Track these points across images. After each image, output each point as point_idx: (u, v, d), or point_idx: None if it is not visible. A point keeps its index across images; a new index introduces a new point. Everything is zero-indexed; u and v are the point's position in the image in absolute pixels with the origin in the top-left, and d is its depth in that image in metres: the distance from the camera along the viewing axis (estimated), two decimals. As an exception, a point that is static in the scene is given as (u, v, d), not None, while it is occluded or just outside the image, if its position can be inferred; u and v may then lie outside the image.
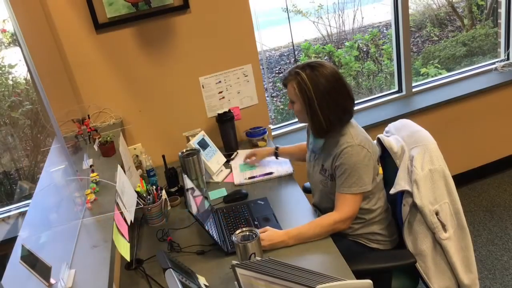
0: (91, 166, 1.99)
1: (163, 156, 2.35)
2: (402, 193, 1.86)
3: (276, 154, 2.40)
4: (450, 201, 1.85)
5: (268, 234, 1.77)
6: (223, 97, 2.71)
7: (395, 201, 1.94)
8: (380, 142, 2.05)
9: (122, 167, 2.01)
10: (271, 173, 2.30)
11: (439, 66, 4.19)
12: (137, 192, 2.03)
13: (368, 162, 1.83)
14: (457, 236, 1.89)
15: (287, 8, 3.95)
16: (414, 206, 1.83)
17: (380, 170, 1.99)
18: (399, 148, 1.94)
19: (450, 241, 1.86)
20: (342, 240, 1.89)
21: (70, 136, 2.31)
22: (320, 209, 2.10)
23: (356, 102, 3.29)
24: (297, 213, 2.02)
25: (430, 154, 1.83)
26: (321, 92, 1.83)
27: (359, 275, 1.70)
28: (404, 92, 3.34)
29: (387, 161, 2.07)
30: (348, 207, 1.83)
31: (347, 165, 1.82)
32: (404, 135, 1.97)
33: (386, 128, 2.14)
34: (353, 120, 1.95)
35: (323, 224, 1.81)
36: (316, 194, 2.11)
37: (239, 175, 2.34)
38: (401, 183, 1.85)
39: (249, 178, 2.28)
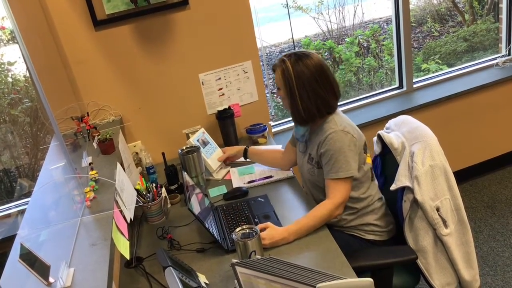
0: (90, 164, 1.99)
1: (163, 154, 2.34)
2: (402, 189, 1.86)
3: (245, 155, 2.40)
4: (450, 196, 1.85)
5: (268, 233, 1.77)
6: (223, 94, 2.70)
7: (395, 197, 1.93)
8: (380, 138, 2.05)
9: (122, 164, 2.00)
10: (270, 176, 2.28)
11: (440, 61, 4.18)
12: (137, 190, 2.03)
13: (353, 147, 1.87)
14: (457, 232, 1.89)
15: (287, 4, 3.94)
16: (415, 202, 1.82)
17: (369, 160, 2.01)
18: (399, 144, 1.93)
19: (451, 237, 1.86)
20: (338, 236, 1.88)
21: (69, 134, 2.30)
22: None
23: (356, 98, 3.32)
24: (297, 210, 2.01)
25: (430, 150, 1.83)
26: (302, 81, 1.88)
27: (360, 271, 1.70)
28: (405, 88, 3.33)
29: (388, 157, 2.06)
30: (339, 192, 1.86)
31: (332, 150, 1.86)
32: (405, 131, 1.97)
33: (387, 125, 2.13)
34: (337, 109, 1.98)
35: (319, 214, 1.83)
36: (305, 184, 2.14)
37: (238, 180, 2.31)
38: (401, 179, 1.84)
39: (248, 182, 2.26)
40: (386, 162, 2.12)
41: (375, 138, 2.13)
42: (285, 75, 1.91)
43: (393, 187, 1.87)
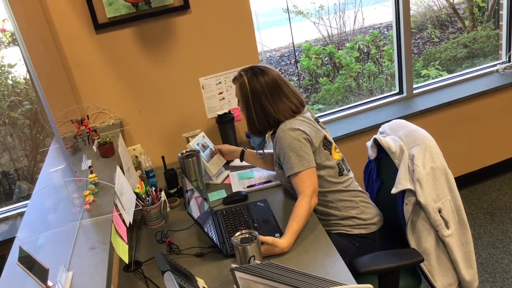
0: (90, 167, 1.98)
1: (163, 157, 2.34)
2: (403, 192, 1.86)
3: (242, 157, 2.40)
4: (451, 198, 1.86)
5: (267, 249, 1.74)
6: (223, 98, 2.70)
7: (394, 200, 1.93)
8: (376, 143, 2.05)
9: (121, 168, 2.00)
10: (270, 181, 2.28)
11: (440, 67, 4.18)
12: (136, 194, 2.02)
13: (304, 141, 1.92)
14: (458, 232, 1.90)
15: (287, 9, 3.95)
16: (417, 204, 1.83)
17: (336, 155, 2.03)
18: (397, 147, 1.94)
19: (453, 238, 1.87)
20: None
21: (69, 137, 2.30)
22: None
23: (356, 103, 3.32)
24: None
25: (430, 152, 1.84)
26: (255, 96, 1.99)
27: (367, 276, 1.69)
28: (405, 94, 3.33)
29: (383, 161, 2.07)
30: (305, 183, 1.90)
31: (284, 148, 1.94)
32: (401, 135, 1.97)
33: (380, 129, 2.13)
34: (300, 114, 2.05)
35: (303, 213, 1.84)
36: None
37: (238, 184, 2.31)
38: (403, 183, 1.84)
39: (248, 186, 2.26)
40: (381, 166, 2.12)
41: (369, 143, 2.13)
42: (242, 89, 2.02)
43: (394, 190, 1.87)
